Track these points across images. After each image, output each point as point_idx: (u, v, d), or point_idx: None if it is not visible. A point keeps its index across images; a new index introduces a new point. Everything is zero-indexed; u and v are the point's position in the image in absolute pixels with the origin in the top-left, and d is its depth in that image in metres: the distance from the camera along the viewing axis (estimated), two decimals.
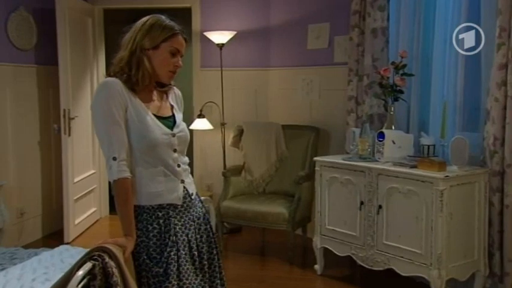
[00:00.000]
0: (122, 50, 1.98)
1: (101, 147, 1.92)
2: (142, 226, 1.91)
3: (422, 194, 3.26)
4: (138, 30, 1.97)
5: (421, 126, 3.84)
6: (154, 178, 1.93)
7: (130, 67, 1.94)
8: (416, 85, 3.85)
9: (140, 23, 2.00)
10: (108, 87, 1.91)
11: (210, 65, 5.13)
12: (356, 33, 4.18)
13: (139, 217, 1.91)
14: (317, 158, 4.01)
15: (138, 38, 1.96)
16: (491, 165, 3.35)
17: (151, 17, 2.01)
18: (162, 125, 1.99)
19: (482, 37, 3.24)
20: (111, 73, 1.97)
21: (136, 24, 2.00)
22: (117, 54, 1.99)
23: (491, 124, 3.34)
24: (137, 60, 1.94)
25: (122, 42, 1.98)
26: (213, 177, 5.21)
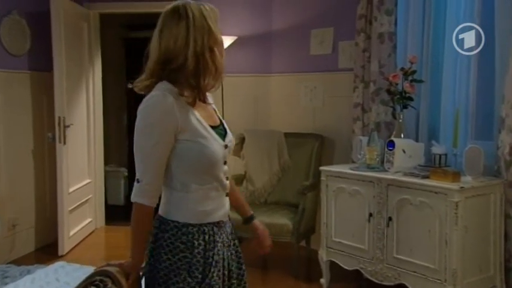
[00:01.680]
0: (175, 54, 1.64)
1: (136, 162, 1.70)
2: (187, 240, 1.70)
3: (436, 206, 3.11)
4: (198, 25, 1.64)
5: (431, 135, 3.70)
6: (208, 195, 1.74)
7: (197, 74, 1.66)
8: (426, 92, 3.71)
9: (192, 11, 1.65)
10: (162, 102, 1.63)
11: None
12: (362, 38, 4.04)
13: (184, 230, 1.70)
14: (323, 168, 3.86)
15: (200, 36, 1.64)
16: (507, 175, 3.20)
17: (202, 5, 1.67)
18: (218, 137, 1.75)
19: (483, 40, 3.09)
20: (158, 81, 1.69)
21: (183, 15, 1.65)
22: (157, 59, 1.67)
23: (506, 133, 3.20)
24: (204, 63, 1.66)
25: (169, 46, 1.65)
26: None
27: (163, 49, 1.66)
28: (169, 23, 1.67)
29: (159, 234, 1.71)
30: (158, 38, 1.67)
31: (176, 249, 1.69)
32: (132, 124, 6.29)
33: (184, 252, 1.69)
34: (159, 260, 1.70)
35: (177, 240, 1.69)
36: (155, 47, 1.68)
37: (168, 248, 1.70)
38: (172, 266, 1.68)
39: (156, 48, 1.67)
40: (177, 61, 1.65)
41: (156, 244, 1.71)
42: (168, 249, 1.70)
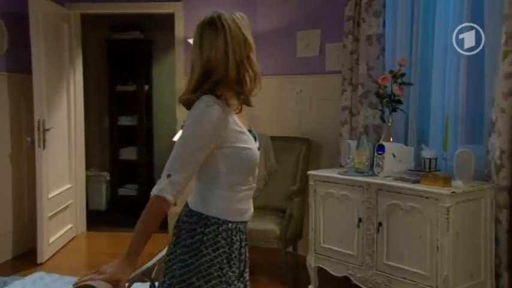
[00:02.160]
0: (217, 72, 1.73)
1: (170, 159, 1.74)
2: (227, 236, 1.77)
3: (427, 211, 3.05)
4: (234, 34, 1.75)
5: (420, 138, 3.64)
6: (247, 195, 1.84)
7: (240, 81, 1.76)
8: (415, 94, 3.66)
9: (225, 24, 1.75)
10: (214, 112, 1.70)
11: None
12: (350, 40, 3.99)
13: (225, 226, 1.77)
14: (311, 172, 3.78)
15: (239, 45, 1.75)
16: (498, 180, 3.16)
17: (234, 14, 1.79)
18: (253, 141, 1.85)
19: (483, 41, 3.04)
20: (206, 91, 1.73)
21: (219, 27, 1.75)
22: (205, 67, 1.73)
23: (496, 136, 3.16)
24: (244, 71, 1.77)
25: (210, 58, 1.73)
26: None
27: (204, 61, 1.74)
28: (207, 36, 1.75)
29: (197, 230, 1.75)
30: (199, 52, 1.75)
31: (217, 244, 1.74)
32: (114, 127, 6.15)
33: (224, 247, 1.76)
34: (197, 255, 1.73)
35: (218, 235, 1.75)
36: (197, 60, 1.75)
37: (209, 242, 1.74)
38: (213, 261, 1.73)
39: (198, 61, 1.75)
40: (218, 72, 1.73)
41: (194, 239, 1.74)
42: (209, 243, 1.74)
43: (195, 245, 1.74)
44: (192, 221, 1.77)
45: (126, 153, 6.38)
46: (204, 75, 1.74)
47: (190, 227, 1.76)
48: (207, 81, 1.73)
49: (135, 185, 6.40)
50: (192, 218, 1.78)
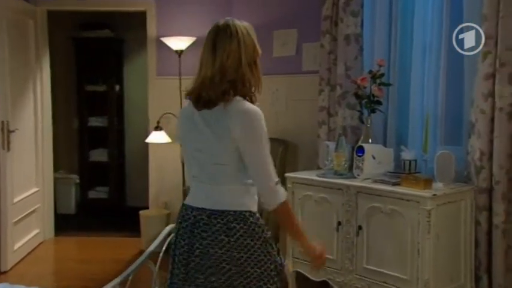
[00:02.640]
0: (231, 72, 1.87)
1: (266, 170, 1.89)
2: (262, 223, 1.97)
3: (407, 214, 3.00)
4: (245, 40, 1.93)
5: (399, 140, 3.59)
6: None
7: (251, 84, 1.93)
8: (394, 95, 3.60)
9: (238, 30, 1.94)
10: (261, 113, 1.90)
11: (168, 73, 4.75)
12: (327, 39, 3.91)
13: (258, 215, 1.96)
14: (288, 175, 3.69)
15: (251, 49, 1.93)
16: (478, 181, 3.12)
17: (243, 22, 1.99)
18: None
19: (482, 41, 3.00)
20: (244, 95, 1.91)
21: (234, 33, 1.93)
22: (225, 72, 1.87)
23: (476, 138, 3.12)
24: (252, 73, 1.93)
25: (232, 58, 1.88)
26: (171, 194, 4.82)
27: (218, 64, 1.87)
28: (221, 40, 1.91)
29: (236, 227, 1.90)
30: (212, 55, 1.90)
31: (262, 230, 1.95)
32: (83, 128, 5.89)
33: (264, 231, 1.96)
34: (244, 249, 1.92)
35: (257, 224, 1.93)
36: (209, 63, 1.89)
37: (255, 231, 1.92)
38: (265, 244, 1.94)
39: (210, 64, 1.89)
40: (230, 74, 1.87)
41: (237, 236, 1.89)
42: (255, 232, 1.92)
43: (239, 241, 1.89)
44: (238, 220, 1.91)
45: (96, 155, 6.21)
46: (221, 78, 1.85)
47: (241, 225, 1.90)
48: (225, 83, 1.85)
49: (105, 188, 6.22)
50: (238, 219, 1.91)
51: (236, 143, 1.86)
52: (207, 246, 1.90)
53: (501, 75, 2.99)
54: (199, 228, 1.92)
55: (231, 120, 1.85)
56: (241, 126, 1.85)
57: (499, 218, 3.03)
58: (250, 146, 1.87)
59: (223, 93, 1.85)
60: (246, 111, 1.86)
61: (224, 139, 1.88)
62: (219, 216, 1.90)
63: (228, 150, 1.88)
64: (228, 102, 1.86)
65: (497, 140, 3.02)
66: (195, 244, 1.92)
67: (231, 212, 1.90)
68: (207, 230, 1.90)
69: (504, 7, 2.95)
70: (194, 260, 1.93)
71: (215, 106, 1.88)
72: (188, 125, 1.97)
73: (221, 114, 1.87)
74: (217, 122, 1.88)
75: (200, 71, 1.91)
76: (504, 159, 3.01)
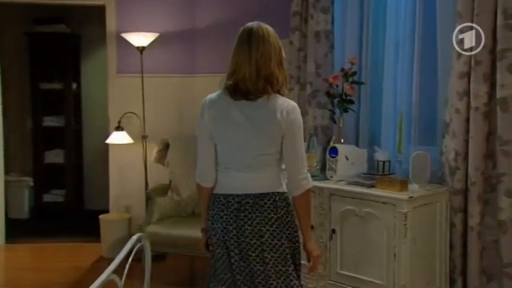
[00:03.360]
0: (265, 69, 2.08)
1: (302, 159, 2.16)
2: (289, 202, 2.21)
3: (383, 217, 2.91)
4: (274, 41, 2.13)
5: (372, 140, 3.51)
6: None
7: (279, 81, 2.11)
8: (366, 94, 3.52)
9: (269, 33, 2.14)
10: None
11: (129, 71, 4.53)
12: (297, 36, 3.80)
13: (286, 195, 2.18)
14: None
15: (278, 50, 2.13)
16: (452, 183, 3.06)
17: (267, 26, 2.17)
18: None
19: (482, 41, 2.91)
20: (277, 91, 2.11)
21: (265, 35, 2.12)
22: (267, 71, 2.08)
23: (451, 138, 3.06)
24: (282, 73, 2.14)
25: (264, 57, 2.09)
26: (132, 197, 4.60)
27: (253, 63, 2.08)
28: (256, 42, 2.11)
29: (280, 205, 2.14)
30: (248, 53, 2.11)
31: (292, 211, 2.19)
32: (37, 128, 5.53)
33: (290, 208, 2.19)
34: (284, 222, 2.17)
35: (291, 203, 2.18)
36: (247, 60, 2.10)
37: (292, 209, 2.18)
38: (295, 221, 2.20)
39: (247, 61, 2.10)
40: (268, 73, 2.08)
41: (281, 213, 2.15)
42: (292, 210, 2.18)
43: (283, 218, 2.13)
44: (281, 199, 2.14)
45: (51, 156, 5.89)
46: (257, 74, 2.07)
47: (275, 204, 2.12)
48: (261, 80, 2.07)
49: (62, 191, 5.92)
50: (282, 198, 2.15)
51: (282, 135, 2.09)
52: (257, 225, 2.09)
53: (476, 74, 2.93)
54: (245, 211, 2.10)
55: (281, 114, 2.07)
56: (289, 118, 2.08)
57: (474, 219, 2.97)
58: (293, 138, 2.11)
59: (263, 88, 2.06)
60: (293, 106, 2.12)
61: (270, 132, 2.09)
62: (265, 197, 2.11)
63: (275, 141, 2.10)
64: (271, 96, 2.08)
65: (473, 140, 2.96)
66: (244, 226, 2.09)
67: (275, 193, 2.13)
68: (255, 211, 2.10)
69: (479, 4, 2.89)
70: (245, 240, 2.10)
71: (257, 98, 2.07)
72: (224, 118, 2.12)
73: (265, 109, 2.07)
74: (261, 116, 2.08)
75: (235, 69, 2.10)
76: (480, 159, 2.96)
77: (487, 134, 2.96)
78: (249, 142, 2.10)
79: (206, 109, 2.17)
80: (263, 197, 2.11)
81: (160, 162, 4.24)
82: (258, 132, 2.09)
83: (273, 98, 2.09)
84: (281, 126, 2.08)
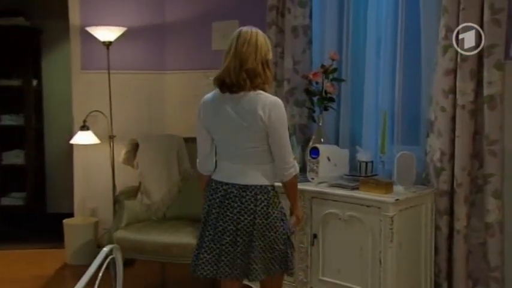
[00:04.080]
0: (247, 63, 2.29)
1: (287, 150, 2.37)
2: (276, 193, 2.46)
3: (368, 221, 2.77)
4: (261, 41, 2.37)
5: (353, 140, 3.38)
6: None
7: (262, 79, 2.32)
8: (347, 92, 3.38)
9: (257, 34, 2.40)
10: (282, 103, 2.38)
11: (94, 67, 4.28)
12: (273, 31, 3.62)
13: (276, 194, 2.44)
14: None
15: (264, 50, 2.35)
16: (438, 184, 2.95)
17: (258, 30, 2.43)
18: None
19: (483, 41, 2.78)
20: (256, 86, 2.31)
21: (253, 35, 2.37)
22: (245, 67, 2.28)
23: (436, 137, 2.95)
24: (266, 72, 2.34)
25: (244, 55, 2.31)
26: (99, 200, 4.36)
27: (238, 57, 2.32)
28: (243, 38, 2.37)
29: (263, 197, 2.37)
30: (235, 49, 2.36)
31: (279, 201, 2.46)
32: None
33: (280, 202, 2.46)
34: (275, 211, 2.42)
35: (275, 195, 2.42)
36: (232, 56, 2.34)
37: (274, 202, 2.41)
38: (280, 213, 2.44)
39: (233, 56, 2.33)
40: (250, 67, 2.30)
41: (269, 202, 2.39)
42: (274, 202, 2.41)
43: (263, 210, 2.35)
44: (263, 192, 2.36)
45: (10, 157, 5.57)
46: (240, 67, 2.31)
47: (265, 196, 2.36)
48: (243, 72, 2.31)
49: (22, 193, 5.59)
50: (263, 191, 2.36)
51: (266, 129, 2.28)
52: (236, 213, 2.32)
53: (463, 71, 2.82)
54: (229, 199, 2.34)
55: (262, 110, 2.26)
56: (270, 114, 2.26)
57: (460, 222, 2.87)
58: (278, 131, 2.30)
59: (244, 81, 2.26)
60: (274, 102, 2.30)
61: (256, 126, 2.27)
62: (248, 190, 2.33)
63: (259, 135, 2.30)
64: (248, 91, 2.28)
65: (459, 139, 2.86)
66: (226, 212, 2.34)
67: (258, 186, 2.34)
68: (237, 201, 2.33)
69: None
70: (222, 225, 2.35)
71: (239, 91, 2.29)
72: (216, 113, 2.36)
73: (248, 104, 2.28)
74: (247, 112, 2.28)
75: (224, 62, 2.32)
76: (466, 159, 2.86)
77: (473, 133, 2.87)
78: (236, 135, 2.33)
79: (202, 107, 2.44)
80: (246, 188, 2.33)
81: (129, 163, 4.00)
82: (243, 126, 2.29)
83: (255, 94, 2.29)
84: (263, 122, 2.26)
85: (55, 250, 4.46)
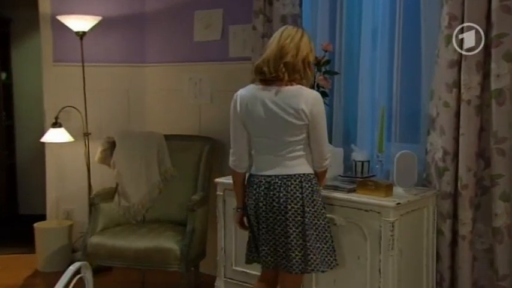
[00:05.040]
0: (286, 56, 2.31)
1: (325, 144, 2.42)
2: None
3: (366, 227, 2.54)
4: (305, 42, 2.37)
5: (347, 137, 3.15)
6: None
7: (301, 76, 2.36)
8: (341, 86, 3.15)
9: (302, 34, 2.39)
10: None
11: (67, 59, 3.99)
12: (260, 21, 3.36)
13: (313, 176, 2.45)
14: (219, 180, 3.11)
15: (307, 51, 2.37)
16: (440, 185, 2.73)
17: (304, 31, 2.42)
18: None
19: (483, 40, 2.56)
20: (293, 80, 2.34)
21: (298, 33, 2.37)
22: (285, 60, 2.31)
23: (438, 134, 2.73)
24: (306, 71, 2.40)
25: (285, 49, 2.32)
26: (74, 201, 4.10)
27: (280, 46, 2.35)
28: (288, 32, 2.39)
29: (308, 184, 2.40)
30: (278, 41, 2.38)
31: (319, 188, 2.49)
32: None
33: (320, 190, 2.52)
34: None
35: (317, 184, 2.46)
36: (275, 46, 2.36)
37: (317, 189, 2.46)
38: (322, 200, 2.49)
39: (275, 46, 2.36)
40: (290, 60, 2.34)
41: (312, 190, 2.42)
42: (317, 190, 2.46)
43: (308, 197, 2.37)
44: (307, 180, 2.39)
45: None
46: (280, 57, 2.35)
47: (309, 184, 2.39)
48: (281, 63, 2.35)
49: None
50: (307, 179, 2.39)
51: (307, 122, 2.31)
52: (283, 203, 2.33)
53: (468, 63, 2.60)
54: (274, 190, 2.35)
55: (305, 104, 2.29)
56: (313, 109, 2.31)
57: (465, 227, 2.65)
58: (318, 125, 2.34)
59: (281, 72, 2.29)
60: (316, 97, 2.35)
61: (299, 119, 2.30)
62: (292, 178, 2.35)
63: (301, 128, 2.32)
64: (285, 85, 2.32)
65: (464, 137, 2.64)
66: (272, 203, 2.34)
67: (301, 174, 2.36)
68: (283, 190, 2.34)
69: None
70: (272, 216, 2.35)
71: (276, 83, 2.32)
72: (254, 107, 2.35)
73: (292, 97, 2.30)
74: (288, 105, 2.29)
75: (265, 51, 2.38)
76: (472, 159, 2.63)
77: (479, 130, 2.65)
78: (277, 128, 2.33)
79: (238, 100, 2.40)
80: (290, 178, 2.34)
81: (105, 162, 3.73)
82: (284, 119, 2.30)
83: (297, 88, 2.32)
84: (306, 116, 2.29)
85: (26, 256, 4.18)
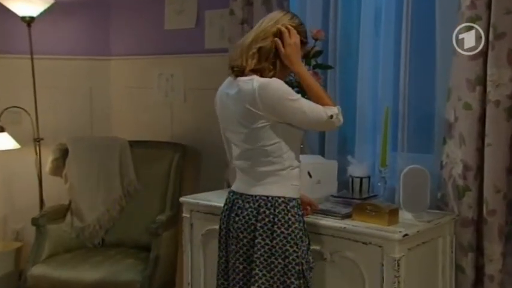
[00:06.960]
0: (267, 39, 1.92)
1: (311, 115, 1.88)
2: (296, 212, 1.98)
3: (364, 264, 2.01)
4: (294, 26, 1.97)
5: (342, 147, 2.63)
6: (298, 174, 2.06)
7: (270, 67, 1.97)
8: (335, 83, 2.63)
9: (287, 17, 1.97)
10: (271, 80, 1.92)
11: (12, 50, 3.45)
12: (239, 4, 2.87)
13: (295, 210, 1.94)
14: (185, 199, 2.59)
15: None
16: (460, 209, 2.18)
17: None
18: None
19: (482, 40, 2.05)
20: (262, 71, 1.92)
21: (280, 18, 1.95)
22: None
23: (457, 144, 2.19)
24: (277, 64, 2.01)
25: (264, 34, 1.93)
26: (24, 219, 3.54)
27: (258, 31, 1.98)
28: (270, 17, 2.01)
29: (266, 212, 1.90)
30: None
31: (295, 219, 1.93)
32: None
33: (298, 221, 1.94)
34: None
35: (289, 211, 1.92)
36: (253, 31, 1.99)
37: (285, 219, 1.90)
38: (287, 238, 1.89)
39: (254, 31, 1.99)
40: (264, 45, 1.94)
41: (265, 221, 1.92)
42: (284, 220, 1.90)
43: (266, 227, 1.89)
44: (268, 205, 1.90)
45: None
46: (255, 41, 1.96)
47: (258, 210, 1.90)
48: (254, 48, 1.95)
49: None
50: (257, 203, 1.91)
51: (264, 114, 1.84)
52: (237, 230, 1.93)
53: (497, 52, 2.05)
54: (234, 211, 1.96)
55: (249, 102, 1.84)
56: (262, 100, 1.82)
57: (493, 264, 2.10)
58: (279, 112, 1.85)
59: (251, 58, 1.89)
60: (262, 84, 1.84)
61: (249, 120, 1.86)
62: (250, 200, 1.92)
63: (256, 132, 1.87)
64: (249, 75, 1.89)
65: (490, 148, 2.09)
66: (230, 228, 1.98)
67: (263, 197, 1.91)
68: (239, 214, 1.93)
69: None
70: (229, 246, 1.99)
71: (239, 72, 1.91)
72: (222, 106, 2.00)
73: (237, 93, 1.89)
74: (236, 102, 1.90)
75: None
76: (501, 177, 2.09)
77: (510, 140, 2.10)
78: (235, 133, 1.95)
79: (216, 98, 2.05)
80: (248, 199, 1.93)
81: (57, 174, 3.22)
82: (240, 123, 1.90)
83: (248, 80, 1.86)
84: (256, 115, 1.84)
85: None
